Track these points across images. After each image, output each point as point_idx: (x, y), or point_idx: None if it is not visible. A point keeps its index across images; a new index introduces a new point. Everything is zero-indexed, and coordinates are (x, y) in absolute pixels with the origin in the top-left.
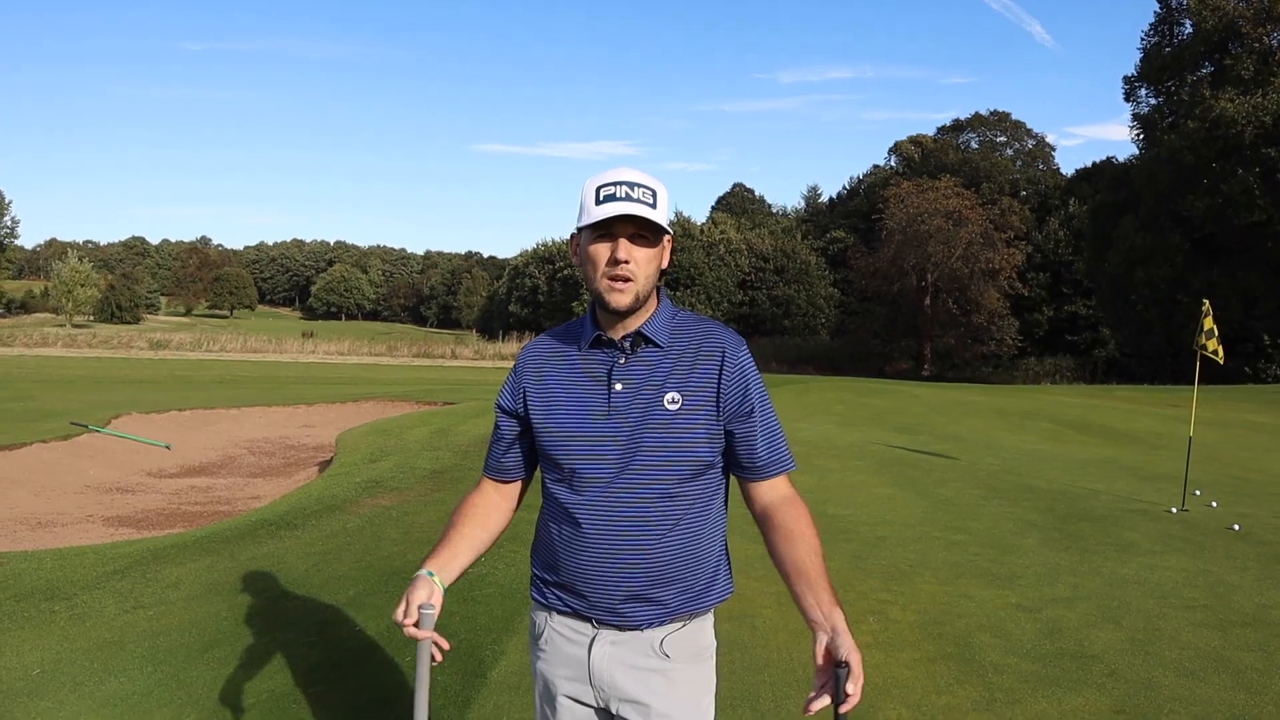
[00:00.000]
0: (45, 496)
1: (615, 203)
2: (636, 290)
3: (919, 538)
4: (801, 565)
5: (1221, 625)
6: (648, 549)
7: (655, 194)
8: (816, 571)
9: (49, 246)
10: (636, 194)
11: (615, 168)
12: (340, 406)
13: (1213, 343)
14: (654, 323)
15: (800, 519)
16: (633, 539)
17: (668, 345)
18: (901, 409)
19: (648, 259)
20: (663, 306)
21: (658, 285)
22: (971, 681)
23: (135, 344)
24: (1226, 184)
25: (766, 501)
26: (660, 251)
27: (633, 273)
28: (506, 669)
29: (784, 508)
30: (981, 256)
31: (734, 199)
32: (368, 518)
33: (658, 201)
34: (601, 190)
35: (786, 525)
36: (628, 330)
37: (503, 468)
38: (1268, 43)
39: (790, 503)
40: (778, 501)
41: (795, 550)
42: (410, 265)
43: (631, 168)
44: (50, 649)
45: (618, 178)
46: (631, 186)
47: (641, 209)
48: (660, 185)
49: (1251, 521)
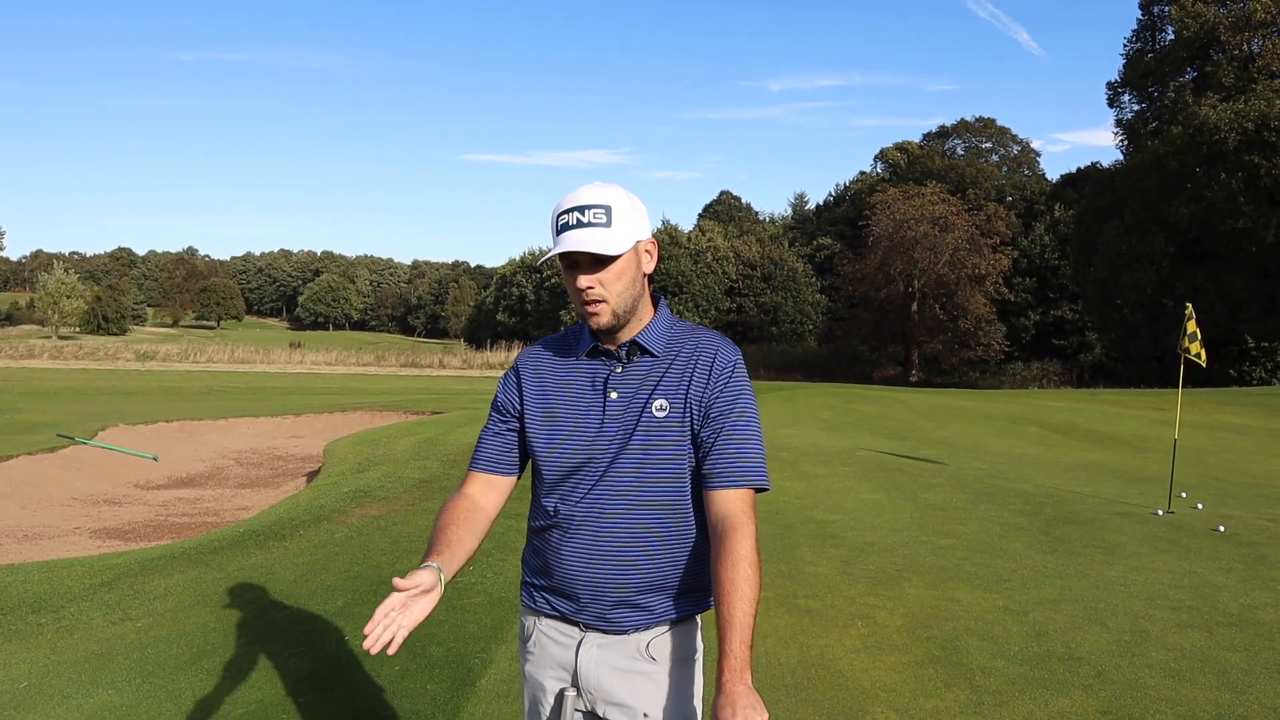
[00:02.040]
0: (32, 509)
1: (568, 232)
2: (611, 309)
3: (906, 542)
4: (728, 611)
5: (1207, 626)
6: (636, 555)
7: (609, 209)
8: (741, 620)
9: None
10: (588, 216)
11: (576, 188)
12: (328, 417)
13: (1195, 346)
14: (649, 332)
15: (744, 551)
16: (621, 545)
17: (663, 354)
18: (889, 414)
19: (615, 276)
20: (660, 315)
21: (651, 293)
22: (959, 684)
23: (122, 355)
24: (1210, 189)
25: (720, 515)
26: (629, 264)
27: (601, 295)
28: (495, 677)
29: (732, 533)
30: (968, 262)
31: (721, 207)
32: (356, 528)
33: (613, 217)
34: (559, 219)
35: (731, 553)
36: (623, 340)
37: (497, 460)
38: (1247, 49)
39: (738, 530)
40: (729, 519)
41: (729, 589)
42: (398, 275)
43: (594, 184)
44: (38, 661)
45: (571, 203)
46: (583, 210)
47: (591, 235)
48: (617, 197)
49: (1236, 523)
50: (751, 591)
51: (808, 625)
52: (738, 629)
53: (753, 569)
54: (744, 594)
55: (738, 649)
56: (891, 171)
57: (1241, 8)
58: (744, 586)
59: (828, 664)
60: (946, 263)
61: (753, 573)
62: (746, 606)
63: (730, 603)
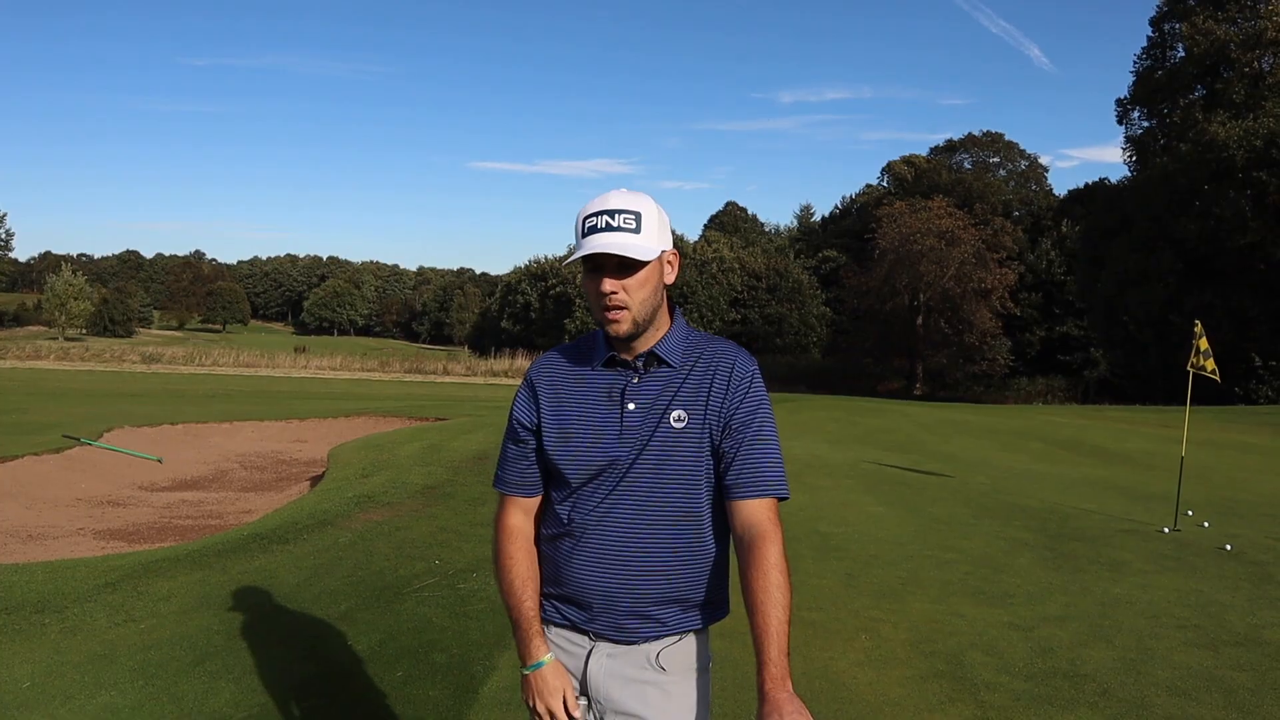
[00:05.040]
0: (36, 509)
1: (597, 235)
2: (633, 316)
3: (910, 556)
4: (763, 620)
5: (1213, 645)
6: (650, 566)
7: (639, 216)
8: (776, 629)
9: (43, 259)
10: (618, 221)
11: (605, 192)
12: (332, 421)
13: (1210, 363)
14: (667, 343)
15: (774, 559)
16: (636, 555)
17: (680, 365)
18: (893, 428)
19: (639, 284)
20: (676, 326)
21: (669, 304)
22: (964, 700)
23: (128, 357)
24: (1219, 206)
25: (746, 524)
26: (653, 273)
27: (624, 301)
28: (498, 684)
29: (761, 541)
30: (974, 276)
31: (727, 217)
32: (360, 533)
33: (642, 224)
34: (586, 221)
35: (761, 562)
36: (640, 350)
37: (528, 483)
38: (1258, 67)
39: (767, 538)
40: (757, 528)
41: (762, 599)
42: (403, 281)
43: (621, 190)
44: (41, 661)
45: (600, 206)
46: (613, 214)
47: (621, 239)
48: (647, 205)
49: (1243, 542)
50: (784, 599)
51: (811, 638)
52: (774, 637)
53: (783, 576)
54: (777, 601)
55: (776, 657)
56: (898, 185)
57: (1252, 26)
58: (777, 594)
59: (831, 677)
60: (952, 277)
61: (784, 580)
62: (781, 614)
63: (765, 611)
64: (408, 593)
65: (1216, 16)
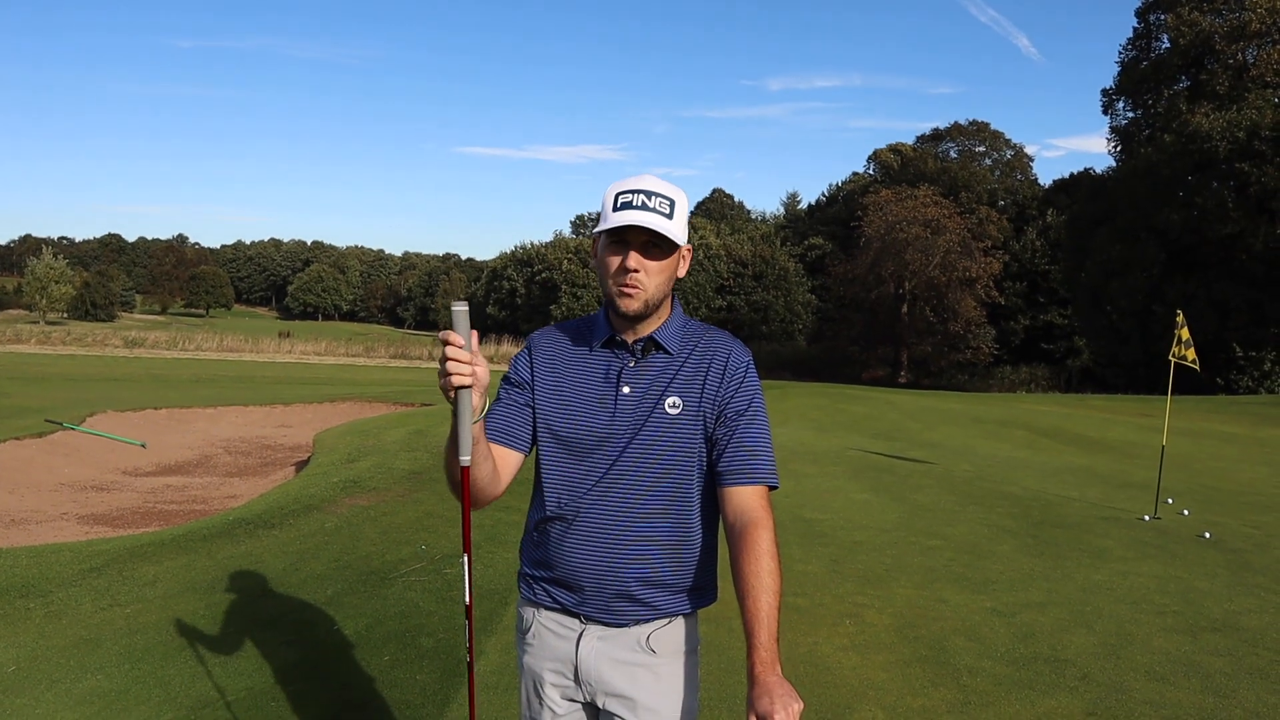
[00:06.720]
0: (19, 494)
1: (630, 211)
2: (645, 298)
3: (895, 543)
4: (754, 605)
5: (1192, 631)
6: (641, 550)
7: (673, 204)
8: (767, 613)
9: (23, 242)
10: (653, 203)
11: (639, 174)
12: (317, 407)
13: (1191, 352)
14: (666, 330)
15: (766, 545)
16: (627, 539)
17: (677, 352)
18: (878, 415)
19: (659, 269)
20: (675, 315)
21: (671, 294)
22: (946, 684)
23: (110, 342)
24: (1201, 197)
25: (738, 511)
26: (673, 262)
27: (641, 282)
28: (486, 668)
29: (753, 528)
30: (959, 265)
31: (713, 204)
32: (345, 518)
33: (675, 212)
34: (620, 197)
35: (753, 548)
36: (640, 335)
37: (506, 431)
38: (1241, 59)
39: (759, 525)
40: (749, 515)
41: (753, 584)
42: (388, 266)
43: (656, 175)
44: (26, 646)
45: (638, 185)
46: (649, 195)
47: (655, 220)
48: (680, 195)
49: (1222, 530)
50: (775, 584)
51: (796, 623)
52: (764, 621)
53: (774, 562)
54: (768, 587)
55: (766, 640)
56: (884, 173)
57: (1237, 17)
58: (767, 580)
59: (816, 661)
60: (937, 265)
61: (775, 566)
62: (771, 599)
63: (755, 596)
64: (394, 577)
65: (1201, 8)
